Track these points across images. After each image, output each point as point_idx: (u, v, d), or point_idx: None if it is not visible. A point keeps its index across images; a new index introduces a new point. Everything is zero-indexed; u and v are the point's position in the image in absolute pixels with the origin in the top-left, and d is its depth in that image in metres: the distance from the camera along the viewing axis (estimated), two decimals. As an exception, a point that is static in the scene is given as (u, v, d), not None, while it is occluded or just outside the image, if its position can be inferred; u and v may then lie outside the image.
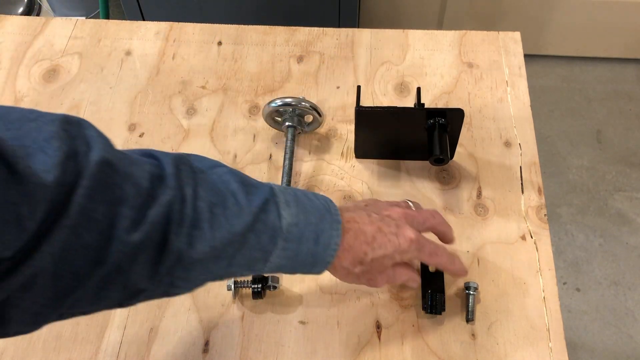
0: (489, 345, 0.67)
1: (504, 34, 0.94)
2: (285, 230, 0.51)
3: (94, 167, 0.41)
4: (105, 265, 0.43)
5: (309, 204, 0.54)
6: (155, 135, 0.85)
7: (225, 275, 0.51)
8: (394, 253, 0.57)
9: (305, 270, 0.55)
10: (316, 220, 0.53)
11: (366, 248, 0.56)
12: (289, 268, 0.54)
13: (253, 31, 0.96)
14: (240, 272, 0.52)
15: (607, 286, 1.59)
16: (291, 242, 0.51)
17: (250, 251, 0.50)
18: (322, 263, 0.54)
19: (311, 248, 0.53)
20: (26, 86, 0.91)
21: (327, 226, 0.53)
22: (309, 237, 0.52)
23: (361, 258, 0.56)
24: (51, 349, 0.68)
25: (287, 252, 0.52)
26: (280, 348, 0.67)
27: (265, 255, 0.51)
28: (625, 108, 1.94)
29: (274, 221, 0.50)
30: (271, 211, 0.50)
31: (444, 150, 0.71)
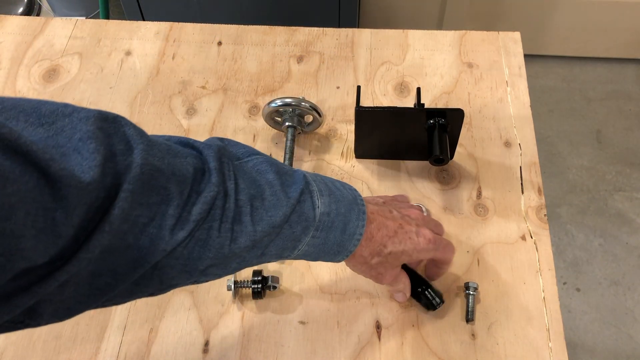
0: (489, 345, 0.67)
1: (504, 34, 0.94)
2: (318, 219, 0.51)
3: (136, 170, 0.40)
4: (146, 264, 0.42)
5: (339, 194, 0.54)
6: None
7: (256, 263, 0.51)
8: (412, 251, 0.59)
9: (328, 258, 0.55)
10: (345, 210, 0.54)
11: (387, 241, 0.57)
12: (314, 255, 0.54)
13: (253, 31, 0.96)
14: (270, 259, 0.52)
15: (607, 286, 1.59)
16: (322, 230, 0.52)
17: (283, 241, 0.50)
18: (345, 252, 0.55)
19: (338, 237, 0.53)
20: (26, 86, 0.91)
21: (354, 216, 0.54)
22: (337, 226, 0.53)
23: (380, 250, 0.57)
24: (51, 349, 0.68)
25: (316, 240, 0.52)
26: (280, 348, 0.67)
27: (296, 244, 0.51)
28: (625, 108, 1.94)
29: (308, 211, 0.51)
30: (306, 201, 0.51)
31: (444, 151, 0.71)
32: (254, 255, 0.49)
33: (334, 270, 0.72)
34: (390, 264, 0.59)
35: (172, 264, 0.44)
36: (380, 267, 0.59)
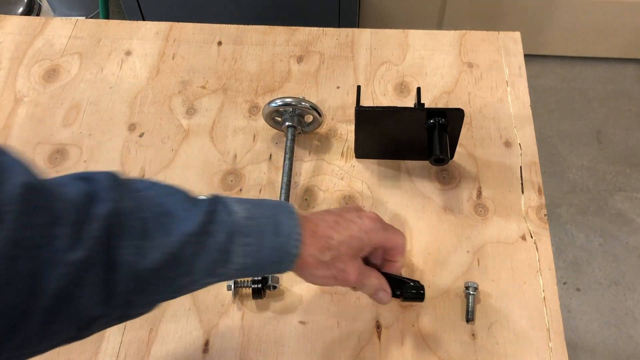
0: (489, 345, 0.67)
1: (504, 34, 0.94)
2: (242, 224, 0.49)
3: (16, 193, 0.38)
4: (47, 294, 0.39)
5: (260, 202, 0.53)
6: (155, 135, 0.85)
7: (189, 284, 0.49)
8: (360, 232, 0.57)
9: (273, 269, 0.53)
10: (271, 212, 0.52)
11: (330, 232, 0.55)
12: (255, 267, 0.51)
13: (253, 31, 0.96)
14: (204, 278, 0.49)
15: (607, 286, 1.59)
16: (250, 236, 0.50)
17: (210, 254, 0.48)
18: (288, 257, 0.52)
19: (273, 241, 0.51)
20: (26, 86, 0.91)
21: (284, 218, 0.52)
22: (267, 230, 0.51)
23: (328, 242, 0.55)
24: (51, 349, 0.68)
25: (249, 248, 0.50)
26: (280, 348, 0.67)
27: (227, 256, 0.49)
28: (625, 108, 1.94)
29: (225, 218, 0.49)
30: (221, 210, 0.49)
31: (444, 150, 0.71)
32: (182, 273, 0.47)
33: (334, 270, 0.72)
34: (347, 255, 0.56)
35: (83, 292, 0.41)
36: (338, 262, 0.56)
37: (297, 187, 0.79)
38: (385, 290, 0.60)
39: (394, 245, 0.61)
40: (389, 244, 0.60)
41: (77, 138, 0.85)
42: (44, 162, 0.82)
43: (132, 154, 0.83)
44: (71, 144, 0.84)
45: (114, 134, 0.85)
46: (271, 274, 0.54)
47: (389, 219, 0.76)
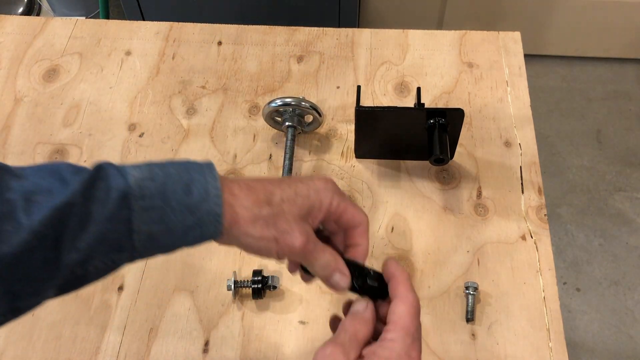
0: (489, 345, 0.67)
1: (504, 34, 0.94)
2: (136, 186, 0.43)
3: None
4: None
5: (167, 163, 0.46)
6: (155, 135, 0.85)
7: (85, 264, 0.43)
8: (308, 190, 0.49)
9: (195, 234, 0.46)
10: (178, 171, 0.45)
11: (271, 187, 0.48)
12: (169, 235, 0.45)
13: (253, 31, 0.96)
14: (107, 255, 0.44)
15: (607, 286, 1.59)
16: (150, 198, 0.43)
17: (102, 225, 0.42)
18: (209, 216, 0.45)
19: (184, 201, 0.44)
20: (26, 86, 0.91)
21: (197, 175, 0.46)
22: (175, 189, 0.44)
23: (268, 197, 0.48)
24: (51, 349, 0.68)
25: (153, 213, 0.44)
26: (280, 348, 0.67)
27: (127, 225, 0.43)
28: (625, 108, 1.94)
29: (116, 182, 0.43)
30: (110, 175, 0.43)
31: (444, 150, 0.71)
32: (63, 250, 0.41)
33: (334, 270, 0.72)
34: (291, 214, 0.48)
35: None
36: (280, 220, 0.47)
37: (297, 187, 0.79)
38: (342, 273, 0.50)
39: (354, 220, 0.52)
40: (346, 217, 0.51)
41: (77, 138, 0.85)
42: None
43: (132, 154, 0.83)
44: (71, 144, 0.84)
45: (114, 134, 0.85)
46: (198, 241, 0.46)
47: (389, 219, 0.76)
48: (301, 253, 0.48)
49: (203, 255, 0.74)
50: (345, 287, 0.50)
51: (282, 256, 0.48)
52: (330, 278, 0.50)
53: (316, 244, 0.49)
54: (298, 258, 0.49)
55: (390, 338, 0.45)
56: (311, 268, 0.50)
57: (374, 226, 0.75)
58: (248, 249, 0.48)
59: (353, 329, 0.47)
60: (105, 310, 0.70)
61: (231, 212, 0.46)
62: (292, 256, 0.48)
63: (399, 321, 0.46)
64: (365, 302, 0.49)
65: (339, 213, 0.51)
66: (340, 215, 0.51)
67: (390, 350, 0.44)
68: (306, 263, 0.49)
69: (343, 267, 0.50)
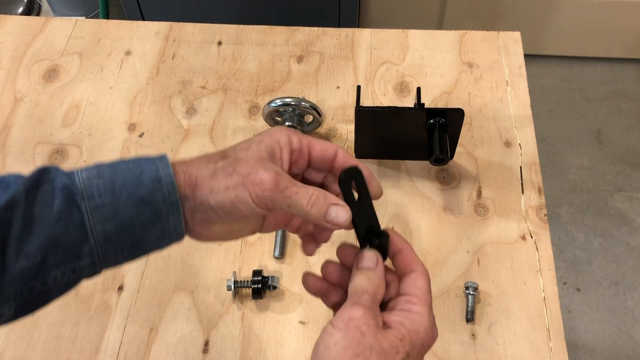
0: (489, 345, 0.67)
1: (504, 33, 0.94)
2: (83, 185, 0.41)
3: None
4: None
5: (117, 161, 0.44)
6: (155, 135, 0.85)
7: (41, 277, 0.41)
8: (262, 136, 0.46)
9: (157, 232, 0.43)
10: (127, 166, 0.43)
11: (225, 149, 0.46)
12: (126, 234, 0.42)
13: (253, 31, 0.96)
14: (64, 264, 0.41)
15: (607, 286, 1.59)
16: (100, 196, 0.41)
17: (47, 226, 0.40)
18: (166, 206, 0.42)
19: (135, 193, 0.42)
20: (26, 86, 0.90)
21: (148, 165, 0.43)
22: (124, 183, 0.42)
23: (221, 153, 0.45)
24: (51, 349, 0.68)
25: (103, 211, 0.41)
26: (280, 348, 0.67)
27: (81, 227, 0.41)
28: (625, 108, 1.94)
29: (61, 181, 0.41)
30: (55, 176, 0.42)
31: (444, 150, 0.71)
32: (19, 257, 0.39)
33: (334, 270, 0.72)
34: (250, 158, 0.44)
35: None
36: (240, 166, 0.43)
37: (297, 187, 0.79)
38: (338, 205, 0.44)
39: (327, 152, 0.47)
40: (316, 152, 0.47)
41: (77, 138, 0.85)
42: (44, 162, 0.82)
43: (131, 154, 0.83)
44: (71, 144, 0.84)
45: (114, 134, 0.85)
46: (164, 240, 0.44)
47: (389, 218, 0.76)
48: (276, 189, 0.43)
49: (203, 255, 0.74)
50: (346, 219, 0.44)
51: (261, 202, 0.43)
52: (327, 215, 0.44)
53: (292, 180, 0.44)
54: (278, 200, 0.43)
55: (417, 312, 0.43)
56: (302, 210, 0.43)
57: (374, 226, 0.75)
58: (223, 209, 0.43)
59: (373, 291, 0.44)
60: (105, 310, 0.70)
61: (187, 177, 0.43)
62: (270, 199, 0.43)
63: (422, 295, 0.44)
64: (375, 257, 0.45)
65: (307, 150, 0.47)
66: (310, 152, 0.47)
67: (419, 324, 0.43)
68: (292, 205, 0.43)
69: (337, 199, 0.44)
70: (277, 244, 0.73)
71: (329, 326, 0.42)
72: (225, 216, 0.44)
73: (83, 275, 0.43)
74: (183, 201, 0.44)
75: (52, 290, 0.42)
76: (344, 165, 0.47)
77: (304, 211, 0.44)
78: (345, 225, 0.44)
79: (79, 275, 0.43)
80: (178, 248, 0.74)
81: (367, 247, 0.46)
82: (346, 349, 0.40)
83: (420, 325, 0.43)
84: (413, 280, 0.45)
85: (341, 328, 0.41)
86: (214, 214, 0.44)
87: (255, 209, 0.43)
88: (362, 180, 0.47)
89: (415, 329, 0.42)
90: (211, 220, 0.45)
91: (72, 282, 0.43)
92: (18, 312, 0.42)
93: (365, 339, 0.40)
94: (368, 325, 0.41)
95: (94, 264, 0.43)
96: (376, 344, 0.40)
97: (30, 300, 0.42)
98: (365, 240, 0.46)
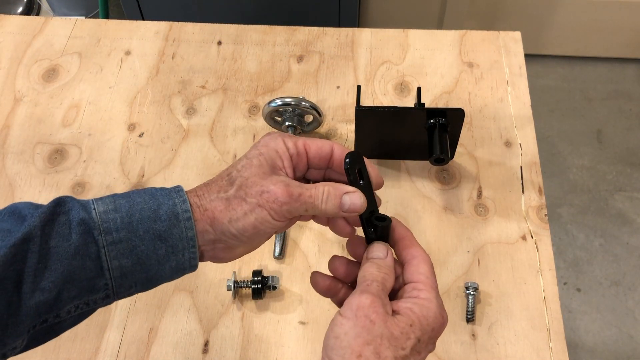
0: (489, 345, 0.66)
1: (504, 33, 0.94)
2: (100, 219, 0.41)
3: None
4: None
5: (132, 192, 0.44)
6: (155, 135, 0.84)
7: (58, 310, 0.41)
8: (259, 149, 0.46)
9: (171, 266, 0.43)
10: (143, 199, 0.43)
11: (226, 170, 0.46)
12: (142, 269, 0.43)
13: (253, 31, 0.96)
14: (78, 297, 0.41)
15: (608, 286, 1.59)
16: (117, 231, 0.41)
17: (61, 261, 0.40)
18: (182, 243, 0.43)
19: (152, 228, 0.42)
20: (25, 86, 0.90)
21: (165, 199, 0.43)
22: (141, 217, 0.42)
23: (227, 178, 0.45)
24: (51, 349, 0.68)
25: (120, 246, 0.41)
26: (280, 348, 0.67)
27: (97, 262, 0.41)
28: (626, 108, 1.94)
29: (77, 215, 0.41)
30: (71, 209, 0.41)
31: (445, 150, 0.71)
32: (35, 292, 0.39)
33: (334, 270, 0.72)
34: (255, 176, 0.44)
35: None
36: (249, 188, 0.44)
37: (297, 187, 0.79)
38: (349, 192, 0.45)
39: (323, 150, 0.48)
40: (313, 150, 0.48)
41: (76, 138, 0.85)
42: (44, 162, 0.82)
43: (131, 153, 0.83)
44: (71, 144, 0.84)
45: (114, 133, 0.85)
46: (177, 273, 0.44)
47: (389, 219, 0.75)
48: (291, 200, 0.44)
49: (203, 255, 0.73)
50: (361, 203, 0.45)
51: (280, 216, 0.44)
52: (343, 205, 0.45)
53: (302, 185, 0.45)
54: (296, 209, 0.44)
55: (425, 297, 0.43)
56: (318, 209, 0.45)
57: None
58: (245, 234, 0.44)
59: (382, 279, 0.44)
60: (105, 310, 0.70)
61: (202, 212, 0.44)
62: (288, 211, 0.44)
63: (427, 281, 0.45)
64: (385, 248, 0.46)
65: (305, 151, 0.47)
66: (307, 153, 0.48)
67: (427, 309, 0.43)
68: (309, 209, 0.45)
69: (347, 187, 0.46)
70: (277, 244, 0.73)
71: (337, 316, 0.42)
72: (249, 239, 0.45)
73: (96, 307, 0.44)
74: (201, 235, 0.44)
75: (65, 322, 0.43)
76: (342, 159, 0.47)
77: (320, 210, 0.45)
78: (362, 209, 0.45)
79: (92, 308, 0.43)
80: (178, 248, 0.74)
81: (371, 231, 0.47)
82: (357, 338, 0.40)
83: (429, 310, 0.43)
84: (416, 267, 0.46)
85: (350, 317, 0.41)
86: (236, 240, 0.45)
87: (276, 224, 0.45)
88: (364, 165, 0.47)
89: (424, 314, 0.43)
90: (234, 245, 0.46)
91: (85, 314, 0.43)
92: (30, 344, 0.42)
93: (375, 327, 0.40)
94: (377, 313, 0.41)
95: (108, 297, 0.43)
96: (386, 331, 0.41)
97: (43, 332, 0.42)
98: (368, 225, 0.47)
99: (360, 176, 0.47)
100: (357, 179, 0.47)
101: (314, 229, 0.75)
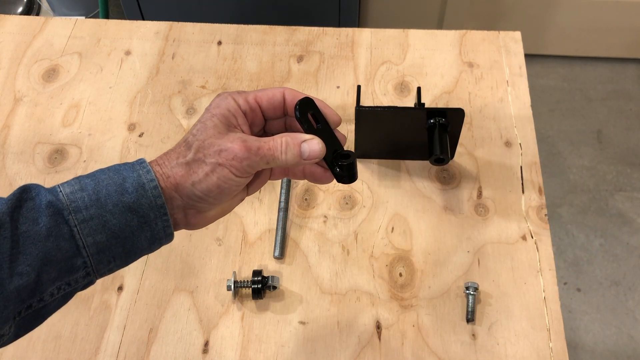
0: (489, 345, 0.66)
1: (504, 33, 0.94)
2: (67, 199, 0.42)
3: None
4: None
5: (96, 171, 0.45)
6: (155, 135, 0.84)
7: (41, 293, 0.42)
8: (210, 110, 0.48)
9: (147, 237, 0.44)
10: (108, 175, 0.44)
11: (183, 136, 0.47)
12: (118, 243, 0.43)
13: (253, 31, 0.96)
14: (59, 279, 0.42)
15: (608, 286, 1.59)
16: (86, 209, 0.42)
17: (40, 243, 0.40)
18: (153, 211, 0.44)
19: (121, 202, 0.43)
20: (25, 86, 0.90)
21: (129, 173, 0.44)
22: (108, 193, 0.43)
23: (184, 143, 0.46)
24: (51, 349, 0.68)
25: (92, 223, 0.42)
26: (280, 348, 0.67)
27: (72, 241, 0.42)
28: (626, 108, 1.94)
29: (45, 198, 0.42)
30: (37, 194, 0.42)
31: (445, 150, 0.71)
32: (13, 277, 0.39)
33: (334, 270, 0.72)
34: (212, 137, 0.46)
35: None
36: (206, 149, 0.45)
37: (297, 187, 0.79)
38: (307, 140, 0.46)
39: (275, 97, 0.49)
40: (265, 100, 0.49)
41: (76, 138, 0.85)
42: (44, 162, 0.82)
43: (131, 153, 0.83)
44: (70, 144, 0.84)
45: (114, 133, 0.85)
46: (155, 243, 0.45)
47: (389, 219, 0.75)
48: (250, 154, 0.45)
49: (203, 255, 0.73)
50: (320, 148, 0.46)
51: (242, 172, 0.45)
52: (302, 153, 0.46)
53: (259, 139, 0.46)
54: (256, 163, 0.45)
55: None
56: (279, 160, 0.46)
57: (374, 226, 0.75)
58: (211, 194, 0.45)
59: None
60: (105, 310, 0.70)
61: (165, 179, 0.45)
62: (249, 165, 0.45)
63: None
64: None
65: (257, 104, 0.49)
66: (260, 105, 0.49)
67: None
68: (269, 161, 0.46)
69: (305, 135, 0.46)
70: (277, 244, 0.73)
71: None
72: (215, 200, 0.46)
73: (78, 287, 0.44)
74: (169, 202, 0.45)
75: (49, 305, 0.43)
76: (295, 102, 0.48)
77: (281, 161, 0.46)
78: (322, 154, 0.47)
79: (75, 288, 0.44)
80: (178, 248, 0.74)
81: (337, 171, 0.48)
82: None
83: None
84: None
85: None
86: (204, 203, 0.46)
87: (239, 180, 0.46)
88: (317, 108, 0.48)
89: None
90: (203, 209, 0.47)
91: (68, 295, 0.44)
92: (18, 331, 0.43)
93: None
94: None
95: (88, 275, 0.44)
96: None
97: (29, 317, 0.42)
98: (334, 165, 0.48)
99: (316, 120, 0.48)
100: (313, 125, 0.48)
101: (314, 229, 0.75)
